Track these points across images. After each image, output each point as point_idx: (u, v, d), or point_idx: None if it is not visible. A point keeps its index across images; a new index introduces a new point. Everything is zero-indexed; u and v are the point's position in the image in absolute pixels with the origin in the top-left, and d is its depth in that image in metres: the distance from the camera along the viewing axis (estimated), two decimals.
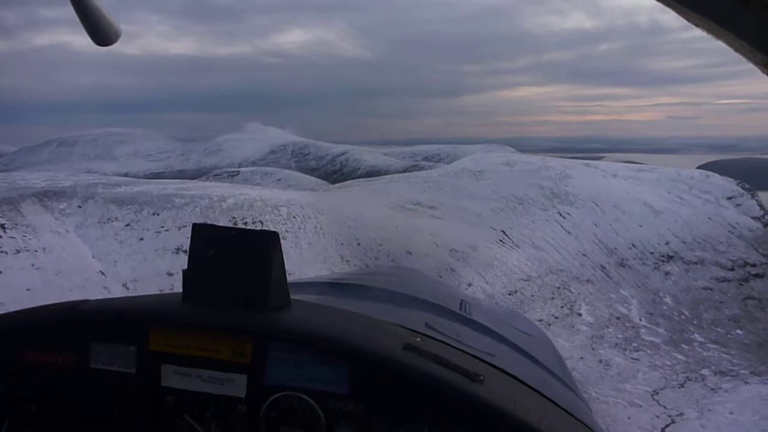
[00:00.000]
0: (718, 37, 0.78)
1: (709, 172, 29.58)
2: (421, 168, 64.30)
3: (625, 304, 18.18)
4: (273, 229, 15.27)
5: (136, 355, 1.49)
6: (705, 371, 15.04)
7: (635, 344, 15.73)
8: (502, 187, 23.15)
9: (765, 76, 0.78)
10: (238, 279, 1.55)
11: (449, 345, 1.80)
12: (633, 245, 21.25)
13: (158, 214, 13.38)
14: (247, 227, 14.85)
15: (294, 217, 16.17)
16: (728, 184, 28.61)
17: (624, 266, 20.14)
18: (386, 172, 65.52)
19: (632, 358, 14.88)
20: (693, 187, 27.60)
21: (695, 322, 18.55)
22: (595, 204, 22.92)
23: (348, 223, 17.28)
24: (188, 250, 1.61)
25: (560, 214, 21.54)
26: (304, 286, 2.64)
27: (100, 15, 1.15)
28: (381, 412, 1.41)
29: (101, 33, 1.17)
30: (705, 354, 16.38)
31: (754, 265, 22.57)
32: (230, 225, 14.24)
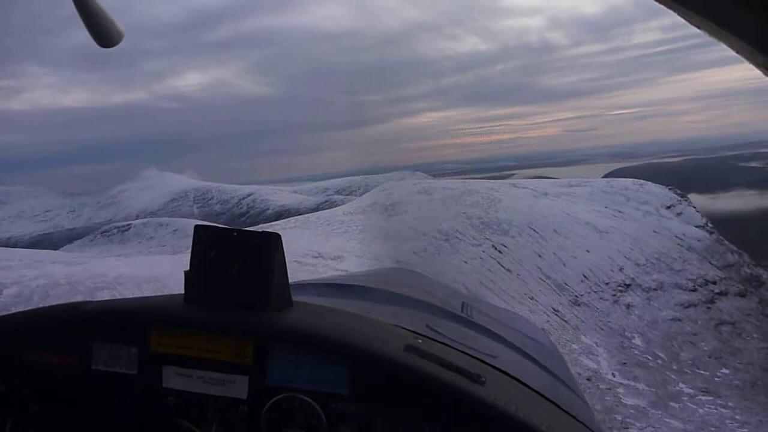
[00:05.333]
0: (719, 38, 0.78)
1: (642, 181, 27.18)
2: (333, 203, 60.23)
3: (592, 356, 14.41)
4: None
5: (137, 356, 1.47)
6: None
7: (620, 416, 11.85)
8: (422, 221, 19.06)
9: (765, 77, 0.79)
10: (239, 280, 1.51)
11: (450, 346, 1.73)
12: (584, 276, 17.72)
13: None
14: None
15: None
16: (663, 192, 26.30)
17: (579, 305, 16.49)
18: (297, 211, 60.69)
19: None
20: (630, 198, 24.91)
21: (675, 367, 15.07)
22: (533, 230, 19.32)
23: None
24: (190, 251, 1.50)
25: (495, 248, 17.69)
26: (305, 287, 2.55)
27: (104, 16, 1.18)
28: (382, 413, 1.38)
29: (104, 34, 1.19)
30: (701, 411, 12.78)
31: (714, 282, 19.71)
32: None
